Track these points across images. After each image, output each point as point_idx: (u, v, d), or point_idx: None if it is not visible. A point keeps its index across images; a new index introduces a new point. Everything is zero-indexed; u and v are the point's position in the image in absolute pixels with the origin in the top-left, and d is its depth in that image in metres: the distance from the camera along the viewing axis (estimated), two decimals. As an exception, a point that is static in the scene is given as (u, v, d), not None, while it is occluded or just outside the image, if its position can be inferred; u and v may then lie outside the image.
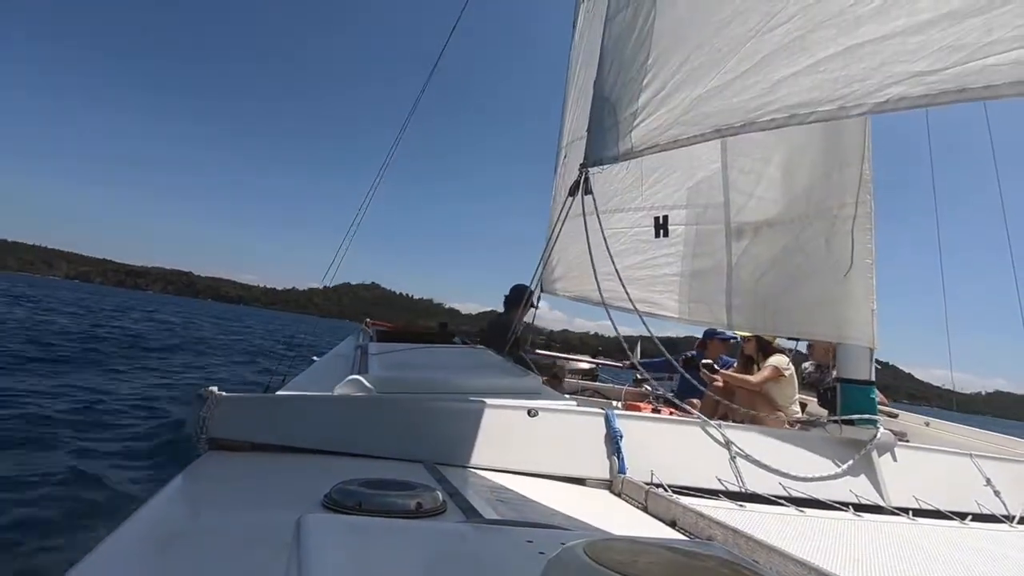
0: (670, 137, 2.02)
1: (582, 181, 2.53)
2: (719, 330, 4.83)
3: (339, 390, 2.17)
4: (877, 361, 2.92)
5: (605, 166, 2.44)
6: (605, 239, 2.69)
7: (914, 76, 1.40)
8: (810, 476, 2.29)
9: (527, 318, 4.45)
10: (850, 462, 2.42)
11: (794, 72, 1.66)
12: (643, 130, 2.12)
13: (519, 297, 4.60)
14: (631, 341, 5.22)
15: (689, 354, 4.82)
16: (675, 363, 3.40)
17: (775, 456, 2.30)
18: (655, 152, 2.13)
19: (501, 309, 5.19)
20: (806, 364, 5.14)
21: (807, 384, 4.82)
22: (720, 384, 4.15)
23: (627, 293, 2.82)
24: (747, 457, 2.28)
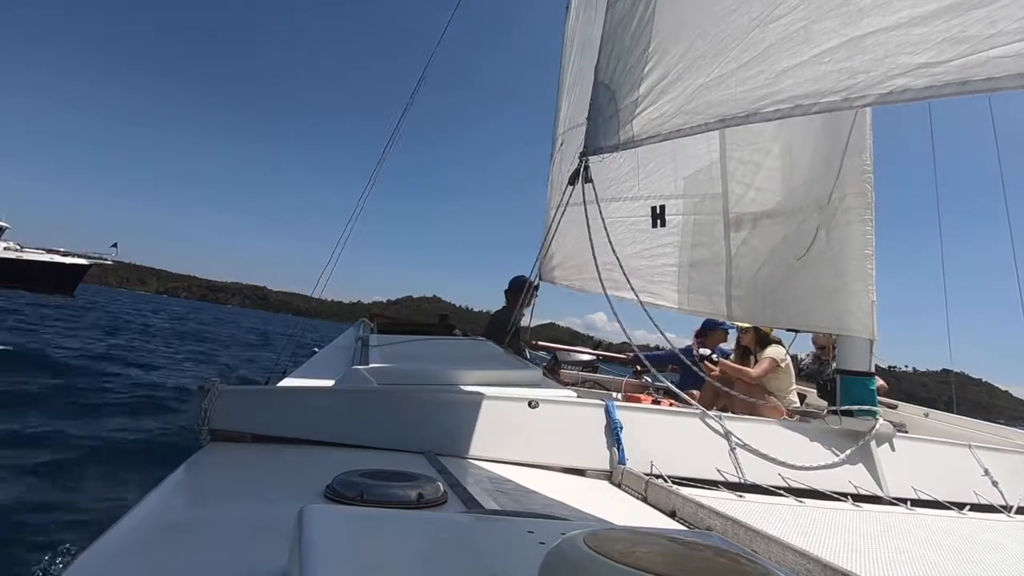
0: (673, 126, 2.02)
1: (582, 169, 2.53)
2: (719, 320, 4.85)
3: (340, 382, 2.18)
4: (968, 378, 2.94)
5: (605, 154, 2.43)
6: (606, 228, 2.69)
7: (918, 68, 1.42)
8: (809, 467, 2.32)
9: (526, 309, 4.45)
10: (849, 453, 2.45)
11: (798, 63, 1.68)
12: (645, 119, 2.12)
13: (518, 289, 4.60)
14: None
15: (705, 351, 4.82)
16: (681, 355, 3.40)
17: (774, 447, 2.33)
18: (658, 141, 2.14)
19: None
20: (803, 356, 5.16)
21: (805, 376, 4.84)
22: (717, 375, 4.17)
23: (629, 282, 2.83)
24: (746, 448, 2.30)
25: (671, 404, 3.18)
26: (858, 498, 2.23)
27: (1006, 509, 2.40)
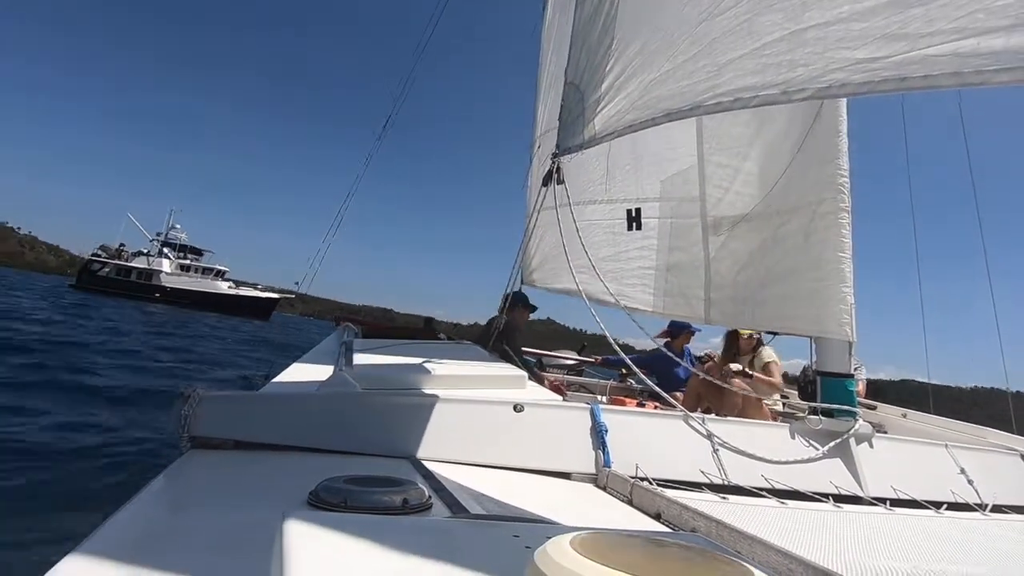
0: (626, 123, 2.08)
1: (554, 171, 2.54)
2: (685, 322, 4.91)
3: (323, 387, 2.17)
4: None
5: (576, 155, 2.48)
6: (578, 230, 2.71)
7: (856, 63, 1.47)
8: (791, 468, 2.36)
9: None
10: (830, 453, 2.50)
11: (740, 55, 1.73)
12: (604, 116, 2.18)
13: (516, 302, 4.74)
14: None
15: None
16: (672, 355, 3.41)
17: (757, 448, 2.37)
18: (614, 138, 2.21)
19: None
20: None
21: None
22: (746, 387, 4.05)
23: (605, 286, 2.86)
24: (729, 449, 2.35)
25: (656, 407, 3.21)
26: (839, 498, 2.28)
27: (981, 507, 2.46)
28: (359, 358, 2.99)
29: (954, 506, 2.42)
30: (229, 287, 55.12)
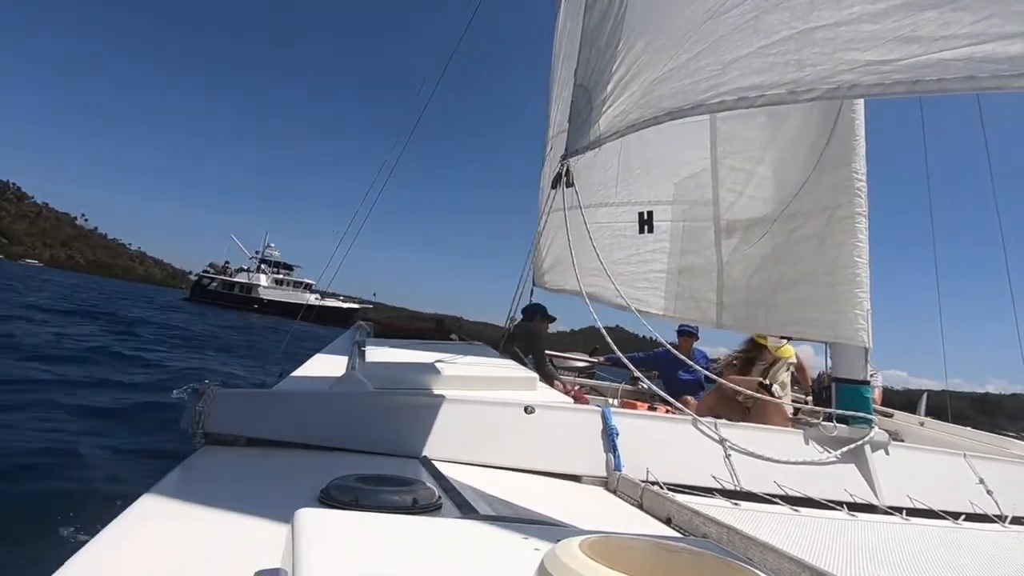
0: (628, 122, 2.08)
1: (564, 174, 2.55)
2: (692, 327, 4.94)
3: (335, 386, 2.19)
4: None
5: (587, 157, 2.48)
6: (589, 232, 2.72)
7: (867, 65, 1.45)
8: (805, 475, 2.34)
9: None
10: (845, 461, 2.47)
11: (746, 54, 1.71)
12: (609, 116, 2.19)
13: (535, 311, 4.90)
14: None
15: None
16: (624, 359, 3.37)
17: (770, 454, 2.35)
18: (617, 138, 2.21)
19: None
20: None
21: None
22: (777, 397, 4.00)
23: (616, 288, 2.85)
24: (742, 455, 2.33)
25: (667, 411, 3.20)
26: (853, 507, 2.25)
27: (1001, 519, 2.42)
28: (371, 357, 3.03)
29: (972, 517, 2.38)
30: (316, 299, 61.87)
